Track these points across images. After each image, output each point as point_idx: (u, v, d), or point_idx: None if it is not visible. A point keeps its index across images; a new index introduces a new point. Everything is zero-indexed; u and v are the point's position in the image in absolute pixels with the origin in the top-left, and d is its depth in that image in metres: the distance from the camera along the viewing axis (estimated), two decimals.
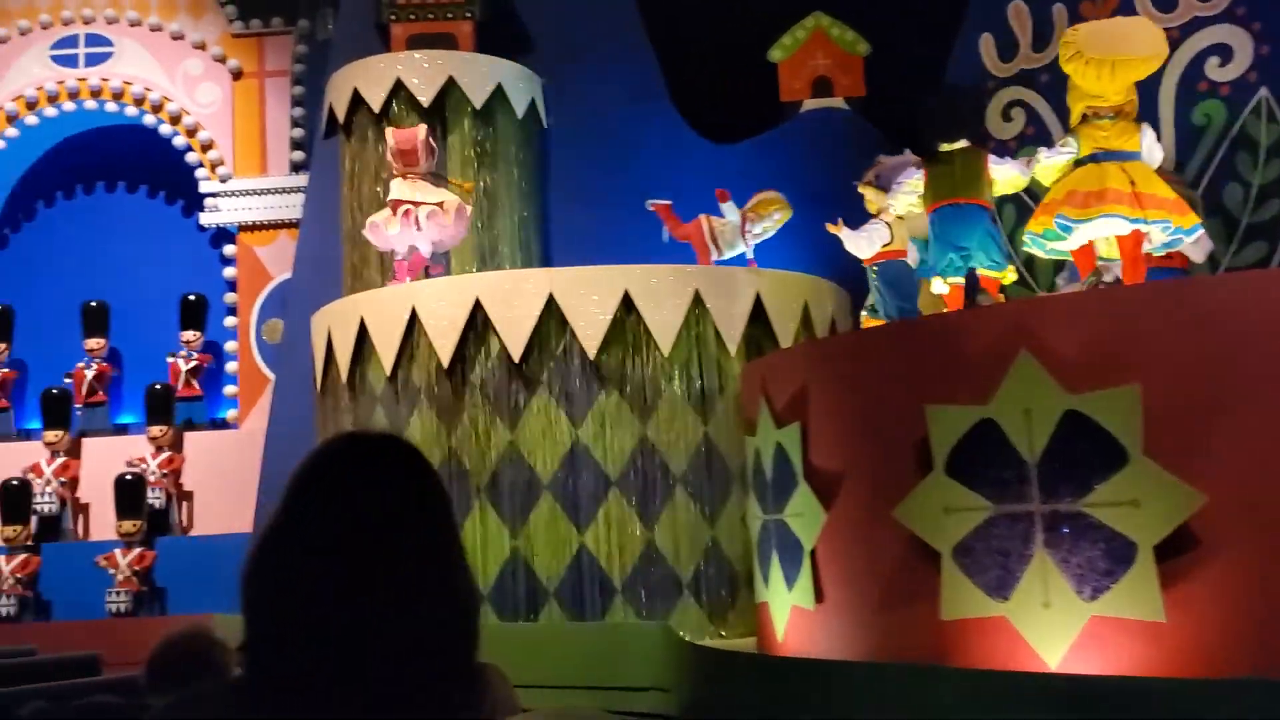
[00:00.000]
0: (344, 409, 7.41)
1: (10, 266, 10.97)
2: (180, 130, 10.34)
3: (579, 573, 6.59)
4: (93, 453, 9.98)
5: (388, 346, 7.03)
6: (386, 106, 8.45)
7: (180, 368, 10.23)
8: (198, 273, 10.57)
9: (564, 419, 6.68)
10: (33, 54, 10.44)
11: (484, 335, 6.81)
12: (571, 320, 6.66)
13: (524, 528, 6.66)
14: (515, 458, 6.70)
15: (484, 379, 6.79)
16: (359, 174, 8.69)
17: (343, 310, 7.48)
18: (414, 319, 6.94)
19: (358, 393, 7.28)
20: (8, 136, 10.47)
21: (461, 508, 6.69)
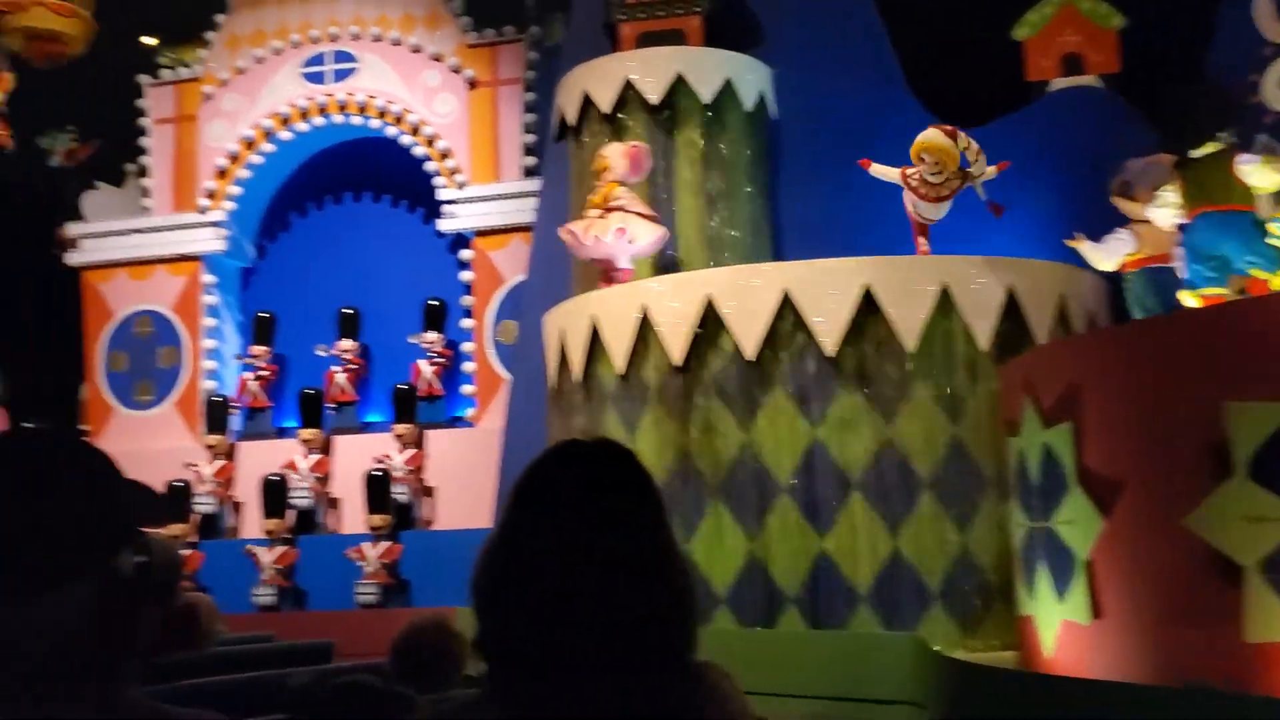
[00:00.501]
0: (577, 408, 7.43)
1: (270, 275, 11.67)
2: (420, 140, 10.71)
3: (819, 579, 6.35)
4: (343, 450, 10.46)
5: (619, 345, 7.00)
6: (616, 107, 8.44)
7: (422, 369, 10.59)
8: (438, 277, 10.92)
9: (801, 419, 6.45)
10: (286, 72, 11.05)
11: (716, 333, 6.66)
12: (807, 316, 6.42)
13: (761, 531, 6.47)
14: (750, 459, 6.53)
15: (717, 377, 6.65)
16: (588, 176, 8.72)
17: (574, 310, 7.51)
18: (645, 317, 6.88)
19: (590, 392, 7.28)
20: (265, 152, 11.12)
21: (695, 509, 6.57)
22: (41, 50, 10.77)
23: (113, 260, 11.27)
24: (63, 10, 10.75)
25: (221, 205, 11.11)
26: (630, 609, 1.27)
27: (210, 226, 11.08)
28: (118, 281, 11.31)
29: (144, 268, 11.22)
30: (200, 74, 11.32)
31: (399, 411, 10.22)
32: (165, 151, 11.35)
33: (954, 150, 6.84)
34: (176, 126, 11.31)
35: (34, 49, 10.75)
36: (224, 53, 11.26)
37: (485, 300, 10.51)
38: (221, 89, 11.19)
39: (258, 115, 11.05)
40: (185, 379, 11.05)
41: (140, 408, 11.11)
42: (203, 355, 11.08)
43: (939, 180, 6.88)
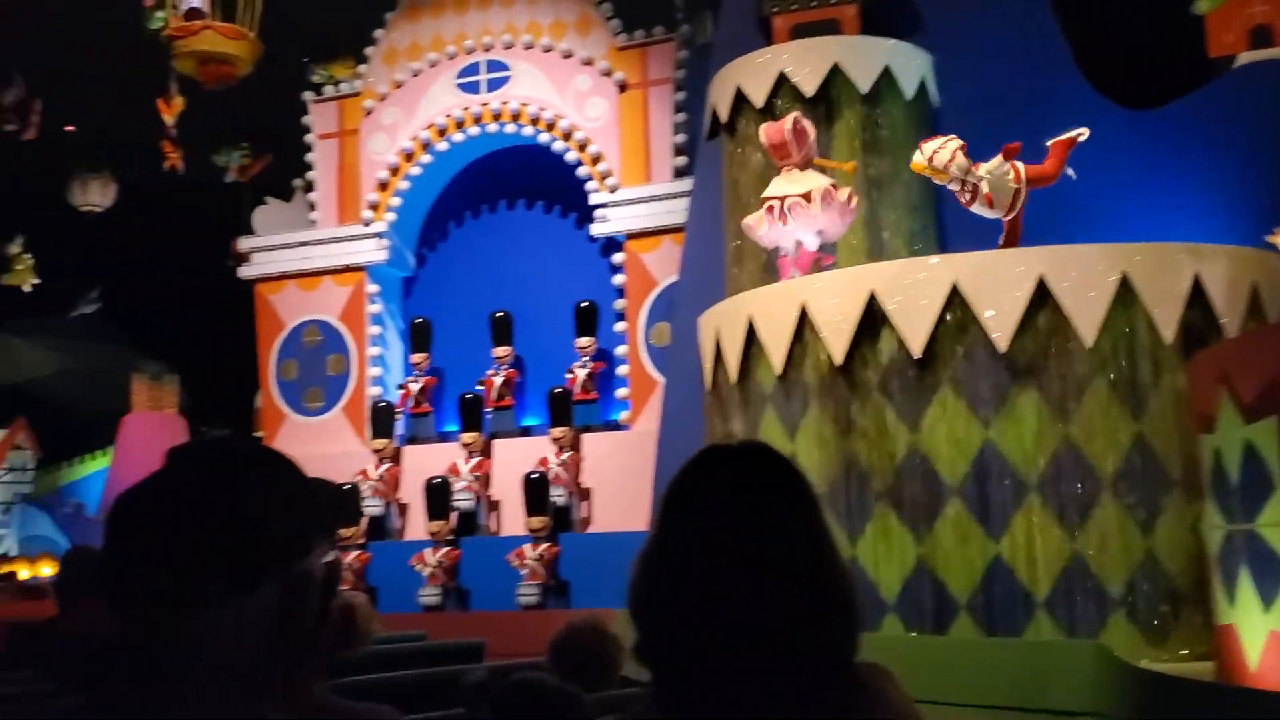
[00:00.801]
0: (734, 410, 7.31)
1: (428, 282, 11.95)
2: (572, 145, 10.79)
3: (993, 585, 6.07)
4: (502, 453, 10.61)
5: (777, 345, 6.84)
6: (770, 101, 8.29)
7: (576, 372, 10.66)
8: (590, 281, 10.98)
9: (972, 418, 6.18)
10: (441, 84, 11.29)
11: (880, 330, 6.44)
12: (978, 310, 6.15)
13: (930, 535, 6.22)
14: (918, 460, 6.29)
15: (881, 376, 6.43)
16: (742, 173, 8.60)
17: (730, 310, 7.39)
18: (804, 315, 6.71)
19: (748, 393, 7.15)
20: (423, 163, 11.39)
21: (861, 513, 6.37)
22: (212, 73, 11.28)
23: (282, 272, 11.72)
24: (231, 33, 11.24)
25: (383, 217, 11.43)
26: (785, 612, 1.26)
27: (373, 238, 11.42)
28: (287, 293, 11.75)
29: (311, 279, 11.64)
30: (360, 89, 11.67)
31: (555, 415, 10.31)
32: (329, 166, 11.75)
33: (933, 169, 6.64)
34: (339, 141, 11.70)
35: (205, 72, 11.28)
36: (382, 68, 11.59)
37: (638, 303, 10.51)
38: (381, 103, 11.51)
39: (416, 127, 11.32)
40: (352, 385, 11.39)
41: (310, 414, 11.51)
42: (368, 362, 11.41)
43: (959, 189, 6.68)
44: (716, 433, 7.62)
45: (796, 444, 6.61)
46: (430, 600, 9.95)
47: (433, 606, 9.94)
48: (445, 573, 10.02)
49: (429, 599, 9.95)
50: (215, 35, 11.18)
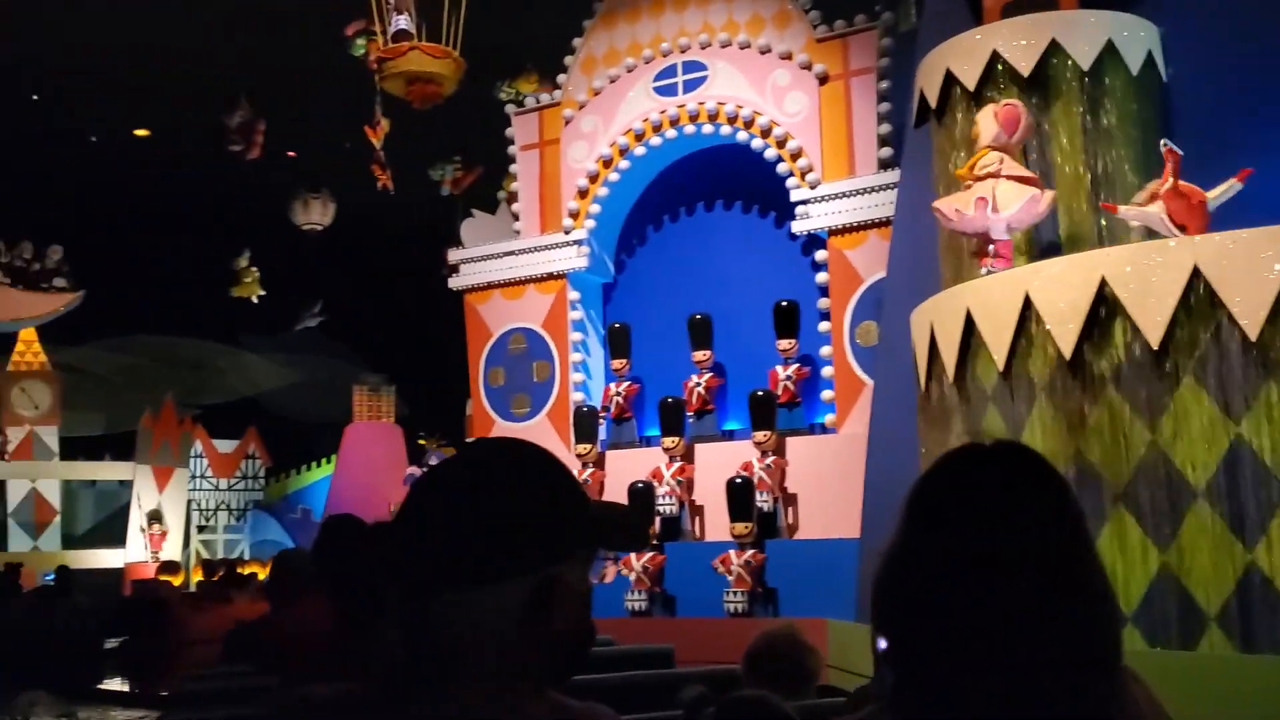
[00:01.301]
0: (952, 410, 6.94)
1: (627, 288, 11.97)
2: (771, 142, 10.57)
3: (1249, 597, 5.50)
4: (705, 458, 10.49)
5: (999, 339, 6.44)
6: (982, 83, 7.85)
7: (779, 375, 10.42)
8: (791, 280, 10.73)
9: (1219, 414, 5.63)
10: (639, 88, 11.29)
11: (1112, 320, 5.96)
12: (1224, 296, 5.60)
13: (1174, 541, 5.70)
14: (1158, 460, 5.78)
15: (1115, 370, 5.95)
16: (954, 159, 8.18)
17: (945, 304, 7.02)
18: (1028, 306, 6.29)
19: (967, 392, 6.76)
20: (621, 169, 11.41)
21: (1095, 517, 5.90)
22: (419, 92, 11.63)
23: (488, 282, 11.97)
24: (437, 52, 11.55)
25: (583, 224, 11.52)
26: (1046, 623, 1.19)
27: (573, 245, 11.51)
28: (494, 302, 11.99)
29: (516, 288, 11.84)
30: (559, 99, 11.80)
31: (757, 418, 10.10)
32: (531, 176, 11.93)
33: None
34: (540, 151, 11.86)
35: (413, 92, 11.63)
36: (580, 76, 11.69)
37: (843, 301, 10.19)
38: (580, 111, 11.61)
39: (614, 134, 11.36)
40: (556, 391, 11.52)
41: (517, 419, 11.69)
42: (571, 368, 11.51)
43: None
44: (932, 435, 7.26)
45: None
46: (637, 605, 9.91)
47: (639, 611, 9.90)
48: (650, 578, 9.96)
49: (635, 604, 9.92)
50: (422, 55, 11.52)
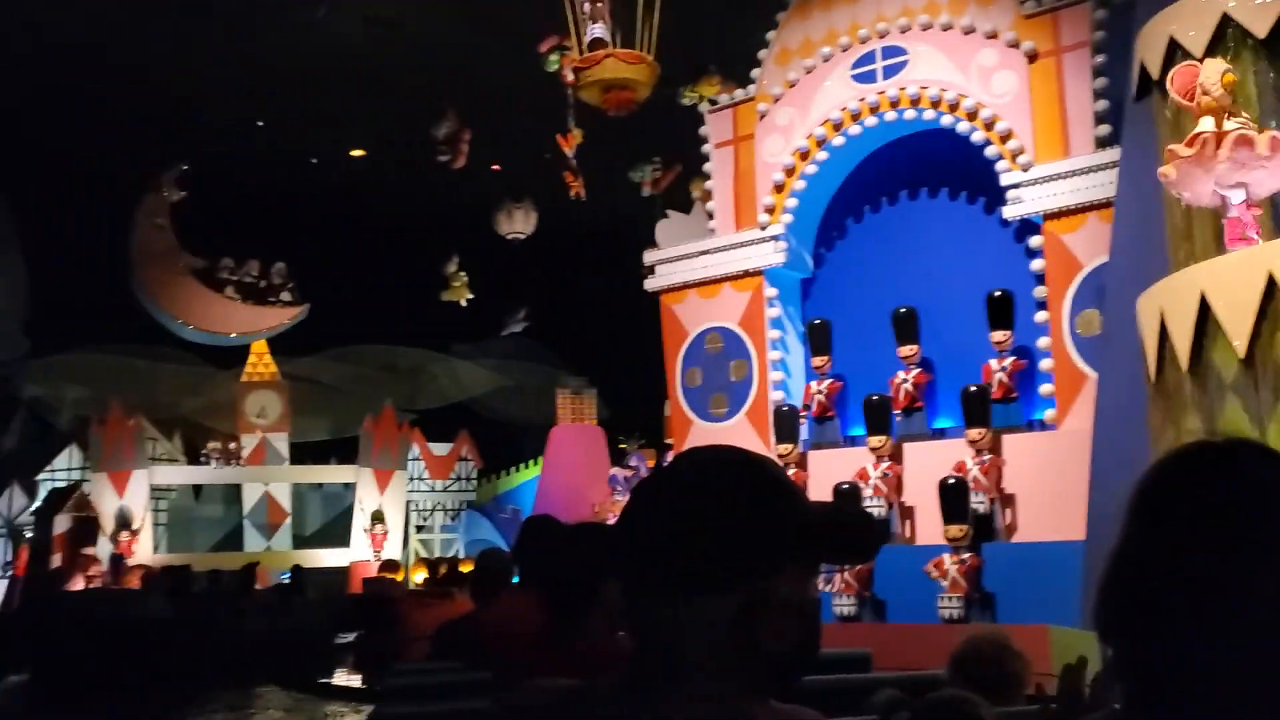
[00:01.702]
0: (1186, 402, 6.35)
1: (827, 283, 11.64)
2: (978, 125, 10.05)
3: None
4: (914, 458, 10.06)
5: (1239, 323, 5.84)
6: (1210, 49, 7.17)
7: (993, 369, 9.89)
8: (1003, 270, 10.18)
9: None
10: (836, 77, 10.96)
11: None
12: None
13: None
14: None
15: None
16: (1181, 131, 7.52)
17: (1177, 286, 6.43)
18: (1272, 286, 5.68)
19: (1203, 382, 6.17)
20: (819, 161, 11.10)
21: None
22: (615, 99, 11.65)
23: (684, 282, 11.87)
24: (631, 59, 11.55)
25: (779, 219, 11.26)
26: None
27: (769, 241, 11.27)
28: (689, 302, 11.89)
29: (711, 286, 11.69)
30: (753, 93, 11.59)
31: (970, 415, 9.60)
32: (725, 173, 11.76)
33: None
34: (734, 148, 11.68)
35: (608, 99, 11.66)
36: (775, 68, 11.44)
37: (1061, 289, 9.57)
38: (774, 105, 11.37)
39: (810, 125, 11.06)
40: (755, 390, 11.30)
41: (715, 420, 11.54)
42: (769, 367, 11.27)
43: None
44: (1165, 430, 6.67)
45: (1268, 440, 5.60)
46: (845, 610, 9.59)
47: (847, 617, 9.58)
48: (859, 581, 9.62)
49: (844, 609, 9.60)
50: (617, 62, 11.53)
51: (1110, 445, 7.94)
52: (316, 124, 21.33)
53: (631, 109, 12.38)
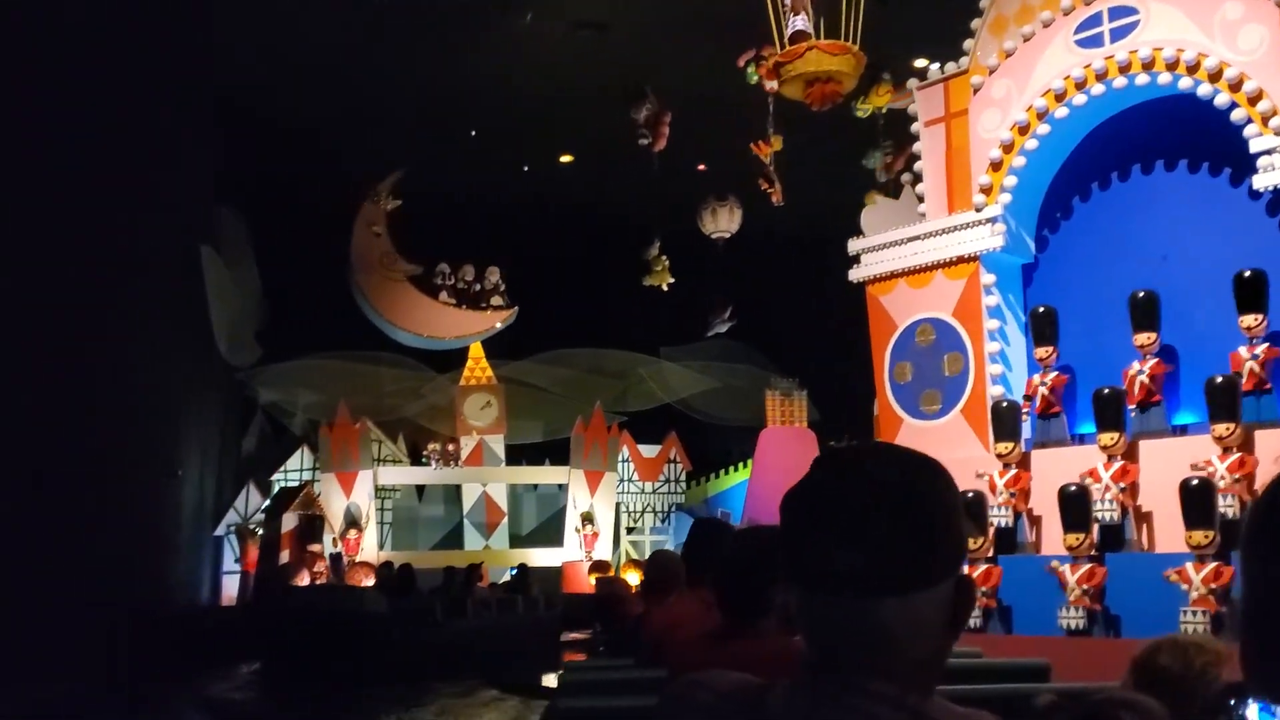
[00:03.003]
0: None
1: (1051, 268, 10.76)
2: (1222, 86, 9.00)
3: None
4: (1151, 456, 9.11)
5: None
6: None
7: (1243, 357, 8.84)
8: (1255, 245, 9.10)
9: None
10: (1058, 43, 10.10)
11: None
12: None
13: None
14: None
15: None
16: None
17: None
18: None
19: None
20: (1040, 135, 10.26)
21: None
22: (819, 93, 11.13)
23: (891, 271, 11.23)
24: (835, 49, 11.01)
25: (997, 199, 10.47)
26: None
27: (986, 224, 10.49)
28: (898, 292, 11.23)
29: (922, 275, 11.00)
30: (966, 66, 10.84)
31: (1217, 409, 8.57)
32: (936, 153, 11.05)
33: None
34: (945, 125, 10.96)
35: (812, 93, 11.16)
36: (989, 38, 10.66)
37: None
38: (990, 77, 10.58)
39: (1030, 97, 10.23)
40: (971, 385, 10.54)
41: (928, 417, 10.85)
42: (987, 359, 10.49)
43: None
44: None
45: None
46: (1075, 623, 8.76)
47: (1078, 630, 8.75)
48: (1090, 595, 8.77)
49: (1073, 621, 8.77)
50: (820, 54, 11.01)
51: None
52: (527, 131, 21.72)
53: (837, 102, 11.89)
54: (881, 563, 1.24)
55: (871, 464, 1.32)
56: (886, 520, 1.25)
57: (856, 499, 1.27)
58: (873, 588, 1.24)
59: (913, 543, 1.25)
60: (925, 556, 1.26)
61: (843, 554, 1.25)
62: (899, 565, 1.24)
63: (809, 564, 1.28)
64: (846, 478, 1.31)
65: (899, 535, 1.24)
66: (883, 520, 1.25)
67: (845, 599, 1.25)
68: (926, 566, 1.26)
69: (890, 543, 1.24)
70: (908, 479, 1.29)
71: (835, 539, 1.26)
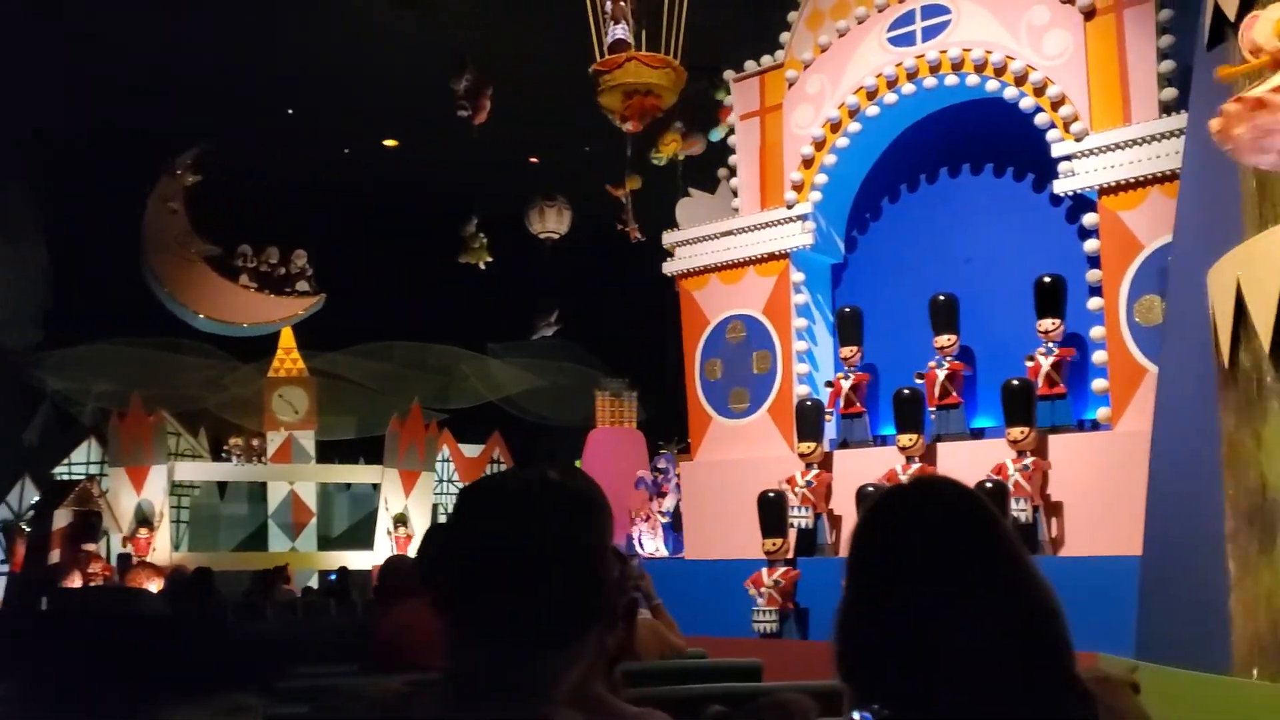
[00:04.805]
0: (1266, 393, 5.29)
1: (860, 268, 10.65)
2: (1027, 90, 9.01)
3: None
4: (949, 459, 9.03)
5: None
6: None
7: (1040, 362, 8.84)
8: (1055, 251, 9.14)
9: None
10: (871, 40, 9.98)
11: None
12: None
13: None
14: None
15: None
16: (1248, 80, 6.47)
17: (1258, 251, 5.38)
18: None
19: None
20: (851, 133, 10.12)
21: None
22: (639, 106, 10.79)
23: (704, 266, 10.95)
24: (656, 62, 10.68)
25: (808, 197, 10.29)
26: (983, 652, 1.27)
27: (797, 221, 10.30)
28: (711, 288, 10.95)
29: (734, 270, 10.75)
30: (782, 60, 10.64)
31: (1012, 412, 8.55)
32: (751, 147, 10.82)
33: None
34: (760, 119, 10.73)
35: (631, 106, 10.80)
36: (805, 32, 10.47)
37: (1118, 273, 8.50)
38: (805, 71, 10.40)
39: (843, 93, 10.08)
40: (779, 384, 10.33)
41: (736, 416, 10.60)
42: (794, 358, 10.30)
43: None
44: (1239, 426, 5.63)
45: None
46: (766, 626, 8.60)
47: (769, 634, 8.61)
48: None
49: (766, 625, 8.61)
50: (640, 66, 10.66)
51: (1171, 447, 6.88)
52: (351, 113, 20.85)
53: (657, 116, 11.67)
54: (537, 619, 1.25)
55: (526, 506, 1.30)
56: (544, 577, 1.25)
57: (511, 549, 1.26)
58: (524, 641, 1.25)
59: (567, 599, 1.26)
60: (580, 609, 1.27)
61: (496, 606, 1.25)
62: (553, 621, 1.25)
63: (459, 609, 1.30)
64: (501, 523, 1.29)
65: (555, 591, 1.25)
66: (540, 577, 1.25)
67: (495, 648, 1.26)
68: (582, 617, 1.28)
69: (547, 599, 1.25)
70: (564, 528, 1.28)
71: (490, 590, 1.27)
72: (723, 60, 11.24)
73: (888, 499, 1.40)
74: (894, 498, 1.40)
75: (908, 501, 1.39)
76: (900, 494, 1.41)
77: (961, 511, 1.35)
